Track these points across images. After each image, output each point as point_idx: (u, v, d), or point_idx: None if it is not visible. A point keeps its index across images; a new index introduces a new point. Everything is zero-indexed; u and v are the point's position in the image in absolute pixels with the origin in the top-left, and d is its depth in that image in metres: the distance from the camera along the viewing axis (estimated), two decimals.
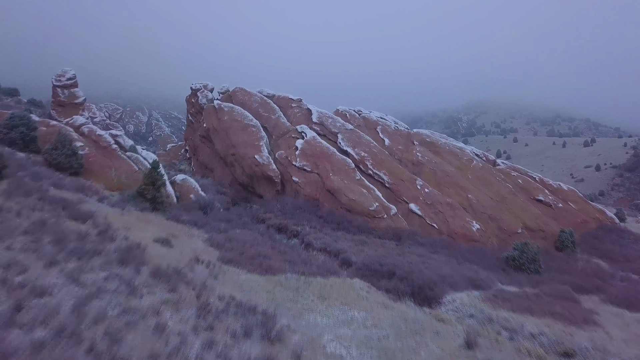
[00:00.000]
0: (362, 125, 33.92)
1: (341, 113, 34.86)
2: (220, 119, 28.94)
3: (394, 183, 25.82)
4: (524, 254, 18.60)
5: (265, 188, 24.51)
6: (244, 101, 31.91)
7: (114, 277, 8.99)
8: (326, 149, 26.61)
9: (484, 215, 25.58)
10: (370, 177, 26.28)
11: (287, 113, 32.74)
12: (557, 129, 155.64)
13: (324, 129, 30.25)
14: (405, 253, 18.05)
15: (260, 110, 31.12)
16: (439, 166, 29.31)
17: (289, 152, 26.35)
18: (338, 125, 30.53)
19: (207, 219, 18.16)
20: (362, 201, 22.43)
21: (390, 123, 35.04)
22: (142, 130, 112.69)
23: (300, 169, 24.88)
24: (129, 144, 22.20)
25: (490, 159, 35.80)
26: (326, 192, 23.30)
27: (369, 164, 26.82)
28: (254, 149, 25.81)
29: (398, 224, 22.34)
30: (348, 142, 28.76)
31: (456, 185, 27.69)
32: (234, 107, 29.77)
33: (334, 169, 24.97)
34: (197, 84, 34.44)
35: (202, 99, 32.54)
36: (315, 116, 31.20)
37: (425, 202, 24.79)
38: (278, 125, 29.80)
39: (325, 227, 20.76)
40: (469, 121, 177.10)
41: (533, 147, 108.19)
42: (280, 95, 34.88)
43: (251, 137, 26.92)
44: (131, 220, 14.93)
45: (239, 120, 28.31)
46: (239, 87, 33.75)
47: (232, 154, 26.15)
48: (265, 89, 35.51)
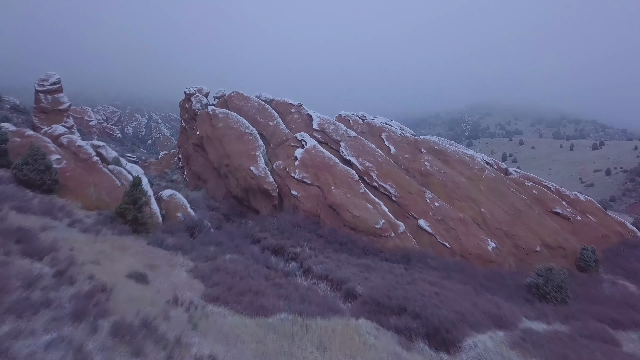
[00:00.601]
0: (366, 132, 31.98)
1: (344, 119, 32.94)
2: (214, 126, 27.07)
3: (401, 196, 23.85)
4: (549, 281, 16.59)
5: (261, 203, 22.59)
6: (240, 107, 30.03)
7: (60, 343, 7.03)
8: (328, 159, 24.68)
9: (499, 232, 23.56)
10: (376, 190, 24.33)
11: (286, 119, 30.85)
12: (563, 131, 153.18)
13: (325, 136, 28.33)
14: (416, 280, 16.08)
15: (257, 117, 29.23)
16: (449, 177, 27.31)
17: (287, 162, 24.43)
18: (340, 132, 28.60)
19: (195, 243, 16.25)
20: (367, 218, 20.47)
21: (396, 129, 33.08)
22: (141, 132, 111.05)
23: (299, 181, 22.96)
24: (112, 156, 20.34)
25: (501, 167, 33.77)
26: (328, 208, 21.36)
27: (374, 175, 24.86)
28: (249, 159, 23.90)
29: (406, 243, 20.36)
30: (351, 150, 26.82)
31: (468, 198, 25.69)
32: (229, 114, 27.89)
33: (336, 181, 23.03)
34: (190, 88, 32.58)
35: (196, 104, 30.68)
36: (316, 123, 29.28)
37: (435, 217, 22.80)
38: (276, 132, 27.90)
39: (326, 248, 18.82)
40: (473, 123, 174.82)
41: (540, 150, 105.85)
42: (279, 99, 33.00)
43: (247, 146, 25.02)
44: (104, 250, 13.04)
45: (234, 128, 26.42)
46: (235, 92, 31.89)
47: (226, 164, 24.25)
48: (263, 93, 33.65)
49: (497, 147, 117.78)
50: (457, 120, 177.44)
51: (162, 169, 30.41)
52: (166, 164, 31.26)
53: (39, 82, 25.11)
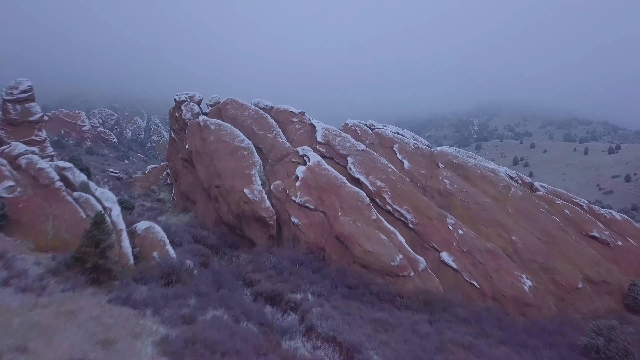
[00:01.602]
0: (376, 144, 28.71)
1: (350, 128, 29.69)
2: (204, 139, 23.92)
3: (419, 222, 20.58)
4: (612, 343, 13.28)
5: (256, 232, 19.40)
6: (235, 116, 26.86)
7: None
8: (334, 178, 21.44)
9: (533, 265, 20.22)
10: (389, 215, 21.07)
11: (286, 130, 27.65)
12: (574, 133, 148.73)
13: (330, 150, 25.10)
14: (446, 344, 12.83)
15: (254, 128, 26.05)
16: (472, 197, 23.99)
17: (287, 182, 21.24)
18: (347, 145, 25.34)
19: (170, 295, 13.08)
20: (382, 253, 17.21)
21: (409, 140, 29.77)
22: (140, 135, 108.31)
23: (301, 206, 19.75)
24: (79, 181, 17.24)
25: (526, 181, 30.36)
26: (334, 240, 18.13)
27: (387, 196, 21.61)
28: (243, 179, 20.72)
29: (429, 284, 17.09)
30: (360, 167, 23.58)
31: (495, 223, 22.37)
32: (221, 125, 24.72)
33: (344, 205, 19.80)
34: (181, 95, 29.47)
35: (186, 113, 27.55)
36: (320, 134, 26.05)
37: (460, 248, 19.51)
38: (275, 146, 24.71)
39: (333, 293, 15.60)
40: (481, 124, 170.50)
41: (552, 154, 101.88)
42: (279, 107, 29.81)
43: (241, 164, 21.84)
44: (42, 321, 9.92)
45: (227, 142, 23.26)
46: (230, 99, 28.73)
47: (216, 185, 21.10)
48: (261, 100, 30.47)
49: (507, 150, 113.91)
50: (464, 122, 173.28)
51: (149, 185, 27.35)
52: (154, 180, 28.21)
53: (7, 91, 22.08)
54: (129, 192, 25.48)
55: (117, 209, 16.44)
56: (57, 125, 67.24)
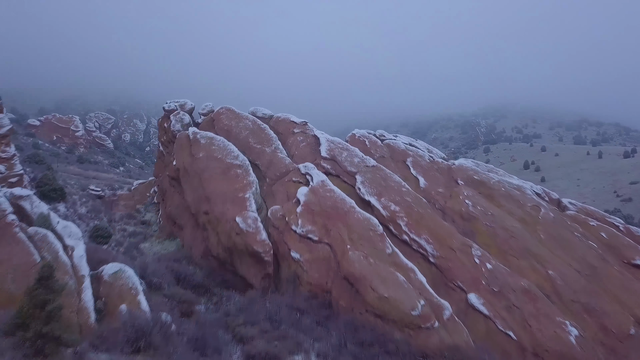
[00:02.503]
0: (387, 157, 25.81)
1: (358, 140, 26.81)
2: (193, 155, 21.11)
3: (441, 255, 17.65)
4: None
5: (250, 269, 16.54)
6: (230, 128, 24.04)
7: None
8: (341, 202, 18.55)
9: (576, 307, 17.22)
10: (406, 246, 18.16)
11: (287, 142, 24.81)
12: (584, 135, 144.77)
13: (336, 166, 22.21)
14: None
15: (250, 141, 23.22)
16: (499, 221, 21.01)
17: (287, 207, 18.38)
18: (356, 161, 22.44)
19: None
20: (400, 300, 14.30)
21: (423, 152, 26.82)
22: (139, 139, 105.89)
23: (303, 237, 16.88)
24: (38, 212, 14.44)
25: (553, 197, 27.28)
26: (342, 281, 15.25)
27: (402, 223, 18.69)
28: (235, 205, 17.88)
29: (456, 337, 14.16)
30: (371, 187, 20.67)
31: (527, 253, 19.38)
32: (213, 139, 21.90)
33: (354, 236, 16.90)
34: (171, 103, 26.69)
35: (175, 123, 24.75)
36: (325, 148, 23.17)
37: (490, 288, 16.56)
38: (274, 162, 21.86)
39: (342, 354, 12.71)
40: (488, 126, 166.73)
41: (565, 158, 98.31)
42: (279, 116, 26.97)
43: (234, 185, 19.01)
44: None
45: (219, 159, 20.43)
46: (224, 108, 25.91)
47: (204, 211, 18.27)
48: (260, 109, 27.64)
49: (517, 153, 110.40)
50: (471, 123, 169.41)
51: (134, 204, 24.66)
52: (140, 198, 25.49)
53: None
54: (110, 214, 22.77)
55: (81, 248, 13.66)
56: (50, 130, 64.83)
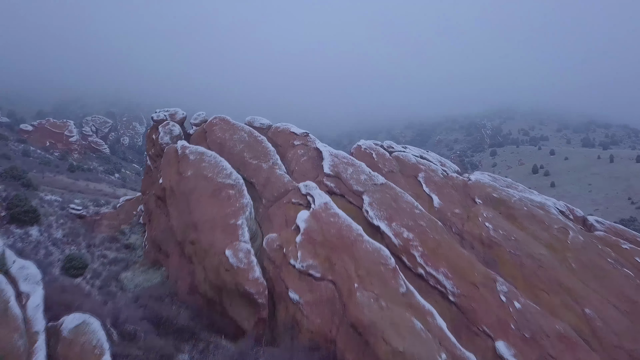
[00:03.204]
0: (396, 172, 23.51)
1: (364, 152, 24.52)
2: (181, 173, 18.87)
3: (462, 293, 15.32)
4: None
5: (242, 312, 14.25)
6: (223, 141, 21.80)
7: None
8: (347, 229, 16.25)
9: (621, 355, 14.80)
10: (421, 280, 15.84)
11: (286, 156, 22.56)
12: (592, 137, 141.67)
13: (340, 184, 19.92)
14: None
15: (246, 156, 20.97)
16: (523, 247, 18.63)
17: (285, 235, 16.10)
18: (362, 178, 20.13)
19: None
20: (418, 354, 12.00)
21: (436, 166, 24.48)
22: (138, 142, 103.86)
23: (303, 273, 14.60)
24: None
25: (577, 215, 24.83)
26: (349, 330, 12.96)
27: (417, 254, 16.37)
28: (226, 234, 15.62)
29: None
30: (380, 209, 18.37)
31: (559, 287, 17.00)
32: (203, 155, 19.66)
33: (361, 271, 14.60)
34: (159, 113, 24.48)
35: (163, 135, 22.52)
36: (328, 163, 20.88)
37: (520, 333, 14.21)
38: (272, 181, 19.60)
39: None
40: (494, 128, 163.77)
41: (574, 162, 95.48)
42: (278, 127, 24.71)
43: (225, 209, 16.75)
44: None
45: (209, 178, 18.18)
46: (218, 118, 23.67)
47: (191, 241, 16.02)
48: (257, 118, 25.41)
49: (524, 157, 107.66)
50: (476, 125, 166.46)
51: (119, 224, 22.47)
52: (125, 217, 23.31)
53: None
54: (90, 237, 20.55)
55: (39, 295, 11.45)
56: (43, 136, 62.83)
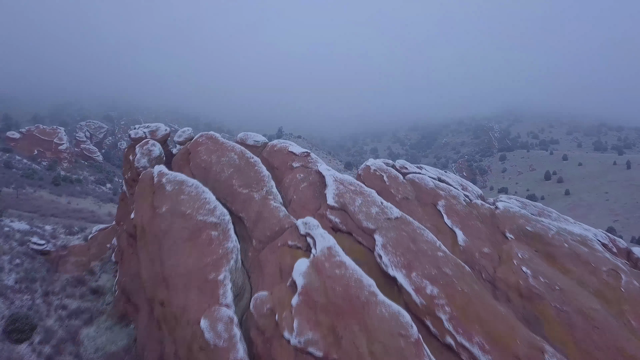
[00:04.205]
0: (412, 199, 20.20)
1: (374, 174, 21.24)
2: (155, 208, 15.65)
3: None
4: None
5: None
6: (209, 164, 18.57)
7: None
8: (356, 286, 12.95)
9: None
10: (449, 352, 12.54)
11: (283, 181, 19.31)
12: (604, 140, 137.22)
13: (347, 219, 16.63)
14: None
15: (234, 183, 17.73)
16: (571, 299, 15.25)
17: (278, 294, 12.84)
18: (373, 212, 16.81)
19: None
20: None
21: (457, 191, 21.11)
22: None
23: (299, 351, 11.35)
24: None
25: (621, 246, 21.38)
26: None
27: (444, 316, 13.06)
28: (203, 294, 12.39)
29: None
30: (396, 253, 15.06)
31: (620, 355, 13.62)
32: (183, 184, 16.43)
33: (376, 347, 11.33)
34: (138, 129, 21.28)
35: (141, 158, 19.30)
36: (332, 192, 17.59)
37: None
38: (264, 215, 16.34)
39: None
40: (502, 130, 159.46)
41: (589, 167, 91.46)
42: (274, 145, 21.48)
43: (204, 258, 13.52)
44: None
45: (188, 215, 14.95)
46: (205, 136, 20.45)
47: (160, 301, 12.79)
48: (251, 135, 22.20)
49: (535, 162, 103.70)
50: (484, 128, 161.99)
51: (89, 261, 19.27)
52: (97, 251, 20.09)
53: None
54: (50, 281, 17.20)
55: None
56: (31, 144, 59.90)
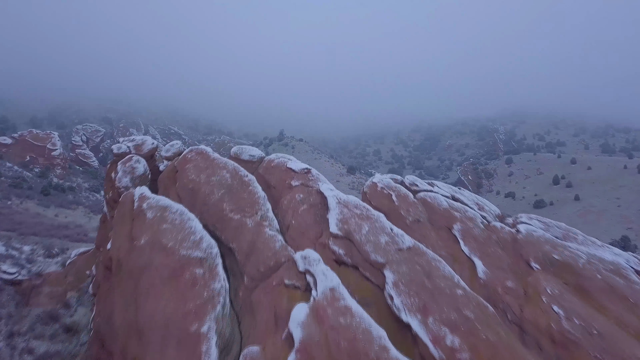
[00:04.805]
0: (424, 221, 18.21)
1: (381, 192, 19.29)
2: (134, 239, 13.70)
3: None
4: None
5: None
6: (197, 185, 16.61)
7: None
8: (365, 339, 10.97)
9: None
10: None
11: (281, 202, 17.36)
12: (612, 142, 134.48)
13: (352, 249, 14.64)
14: None
15: (225, 208, 15.76)
16: (611, 346, 13.16)
17: (272, 350, 10.89)
18: (382, 241, 14.80)
19: None
20: None
21: (473, 212, 19.07)
22: None
23: None
24: None
25: None
26: None
27: None
28: (182, 350, 10.44)
29: None
30: (409, 292, 13.05)
31: None
32: (167, 209, 14.48)
33: None
34: (122, 143, 19.34)
35: (123, 176, 17.37)
36: (336, 217, 15.63)
37: None
38: (258, 246, 14.37)
39: None
40: (507, 132, 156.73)
41: (598, 171, 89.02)
42: (271, 160, 19.53)
43: (185, 303, 11.58)
44: None
45: (170, 250, 13.00)
46: (195, 151, 18.49)
47: (133, 358, 10.83)
48: (246, 149, 20.27)
49: (543, 165, 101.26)
50: (488, 129, 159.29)
51: (65, 291, 17.34)
52: (75, 279, 18.16)
53: None
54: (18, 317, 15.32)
55: None
56: (23, 150, 58.06)
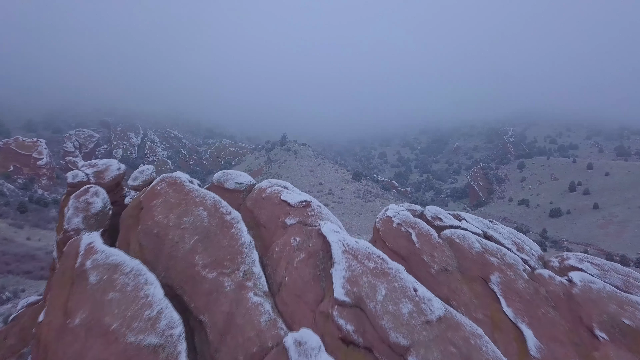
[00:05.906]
0: (452, 269, 14.52)
1: (397, 230, 15.65)
2: (68, 314, 10.15)
3: None
4: None
5: None
6: (165, 229, 13.00)
7: None
8: None
9: None
10: None
11: (271, 248, 13.78)
12: (627, 145, 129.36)
13: (364, 323, 10.94)
14: None
15: (197, 262, 12.16)
16: None
17: None
18: (405, 312, 11.07)
19: None
20: None
21: (513, 257, 15.27)
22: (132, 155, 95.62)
23: None
24: None
25: None
26: None
27: None
28: None
29: None
30: None
31: None
32: (117, 269, 10.89)
33: None
34: (81, 170, 15.86)
35: (74, 215, 13.88)
36: (342, 274, 12.01)
37: None
38: (236, 321, 10.78)
39: None
40: (517, 135, 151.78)
41: (617, 177, 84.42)
42: (262, 189, 15.94)
43: None
44: None
45: (113, 333, 9.41)
46: (167, 180, 14.86)
47: None
48: (232, 174, 16.65)
49: (557, 171, 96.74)
50: (497, 132, 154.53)
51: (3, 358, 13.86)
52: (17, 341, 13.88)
53: None
54: None
55: None
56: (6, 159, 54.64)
